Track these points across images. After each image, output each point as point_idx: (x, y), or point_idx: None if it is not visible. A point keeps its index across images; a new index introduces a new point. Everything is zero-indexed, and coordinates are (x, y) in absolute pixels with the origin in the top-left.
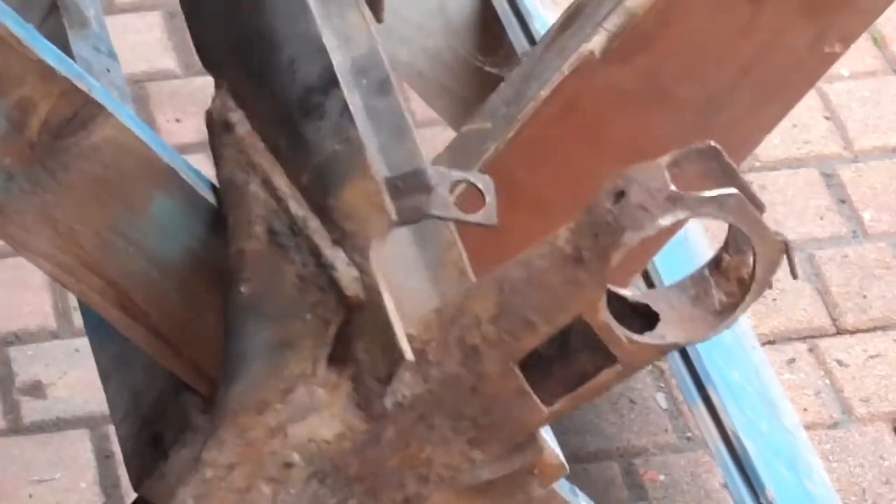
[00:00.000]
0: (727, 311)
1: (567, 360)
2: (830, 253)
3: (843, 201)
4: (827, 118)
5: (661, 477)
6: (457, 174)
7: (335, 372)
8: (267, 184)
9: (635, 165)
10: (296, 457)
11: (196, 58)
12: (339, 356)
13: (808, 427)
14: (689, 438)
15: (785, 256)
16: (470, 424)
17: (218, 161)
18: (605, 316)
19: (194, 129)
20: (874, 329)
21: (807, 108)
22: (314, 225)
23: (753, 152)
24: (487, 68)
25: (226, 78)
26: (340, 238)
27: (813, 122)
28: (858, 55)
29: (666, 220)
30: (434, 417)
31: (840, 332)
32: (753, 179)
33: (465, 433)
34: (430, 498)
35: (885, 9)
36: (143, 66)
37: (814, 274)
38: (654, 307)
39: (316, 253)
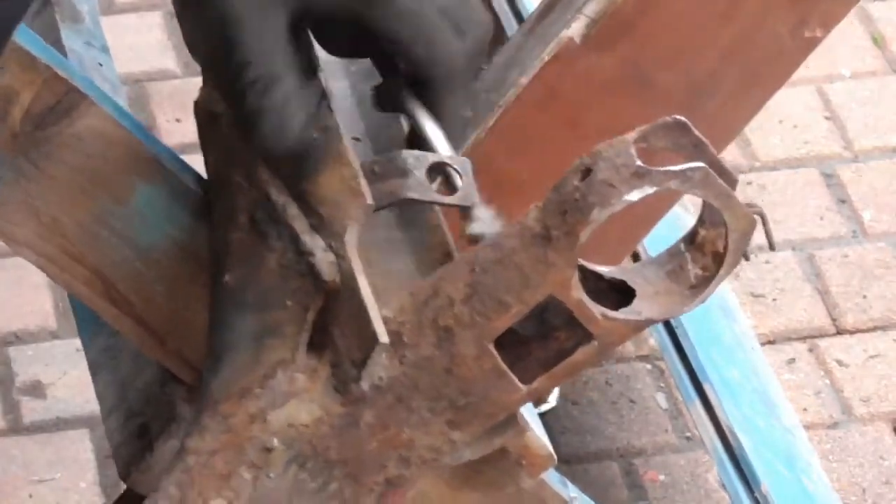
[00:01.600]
0: (702, 286)
1: (545, 339)
2: (830, 253)
3: (843, 201)
4: (827, 118)
5: (661, 477)
6: (433, 157)
7: (314, 357)
8: (250, 173)
9: (602, 142)
10: (275, 441)
11: None
12: (318, 342)
13: (807, 427)
14: (688, 438)
15: (763, 228)
16: (448, 405)
17: (205, 152)
18: (578, 293)
19: (194, 128)
20: (874, 329)
21: (807, 108)
22: (293, 212)
23: (753, 152)
24: (485, 67)
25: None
26: (318, 224)
27: (813, 122)
28: (858, 55)
29: (633, 196)
30: (412, 399)
31: (840, 332)
32: (753, 179)
33: (443, 414)
34: (411, 479)
35: None
36: (143, 66)
37: (814, 274)
38: (630, 283)
39: (295, 239)
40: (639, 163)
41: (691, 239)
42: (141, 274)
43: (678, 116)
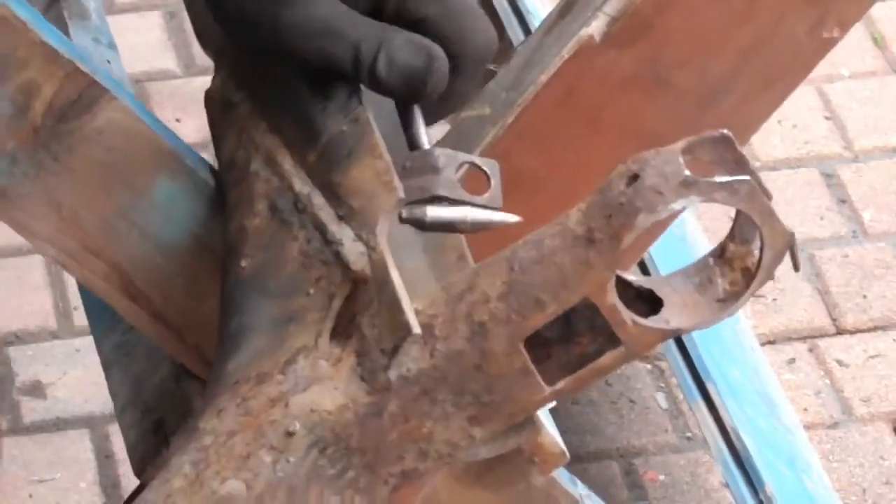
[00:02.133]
0: (731, 299)
1: (568, 343)
2: (830, 253)
3: (843, 201)
4: (827, 118)
5: (661, 477)
6: (463, 157)
7: (338, 346)
8: (271, 162)
9: (649, 150)
10: (297, 425)
11: (196, 58)
12: (342, 330)
13: (808, 427)
14: (689, 438)
15: (790, 249)
16: (472, 401)
17: (218, 141)
18: (612, 298)
19: (194, 128)
20: (874, 329)
21: (807, 108)
22: (319, 202)
23: (753, 152)
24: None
25: (226, 59)
26: (347, 214)
27: (813, 122)
28: (858, 55)
29: (679, 204)
30: (437, 392)
31: (840, 332)
32: (721, 130)
33: (466, 410)
34: (426, 474)
35: None
36: (143, 66)
37: (814, 274)
38: (658, 293)
39: (321, 229)
40: (687, 172)
41: (720, 253)
42: (160, 269)
43: (724, 131)
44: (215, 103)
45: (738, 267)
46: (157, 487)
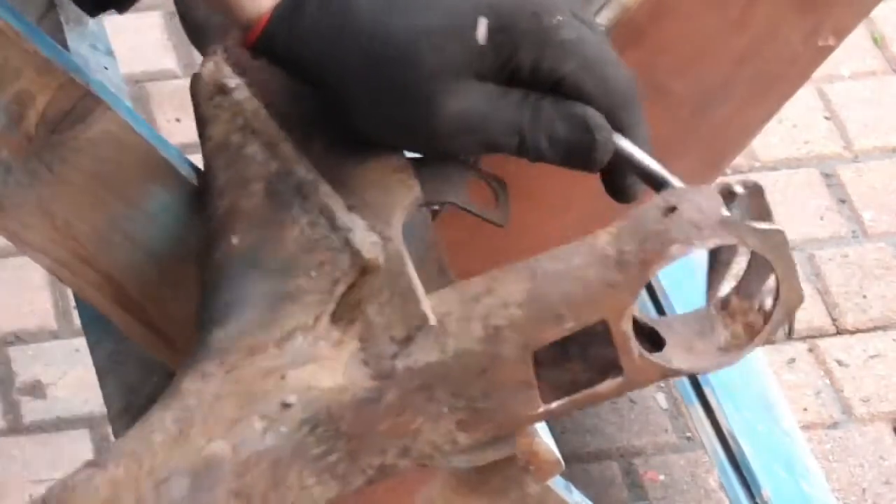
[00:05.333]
0: (733, 350)
1: (558, 368)
2: (830, 253)
3: (843, 201)
4: (827, 118)
5: (661, 477)
6: (475, 171)
7: (338, 330)
8: (271, 147)
9: (687, 186)
10: (294, 398)
11: (196, 58)
12: (344, 315)
13: (808, 427)
14: (689, 438)
15: (789, 316)
16: (466, 405)
17: (204, 122)
18: (627, 326)
19: (194, 128)
20: (874, 329)
21: (807, 108)
22: (326, 189)
23: (753, 152)
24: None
25: (223, 45)
26: (358, 205)
27: (813, 122)
28: (858, 55)
29: (713, 242)
30: (436, 390)
31: (840, 332)
32: (753, 179)
33: (457, 413)
34: (401, 473)
35: (880, 1)
36: (143, 66)
37: (814, 274)
38: (661, 332)
39: (329, 216)
40: (725, 212)
41: (723, 304)
42: (153, 278)
43: (757, 182)
44: (205, 85)
45: (740, 320)
46: (137, 438)
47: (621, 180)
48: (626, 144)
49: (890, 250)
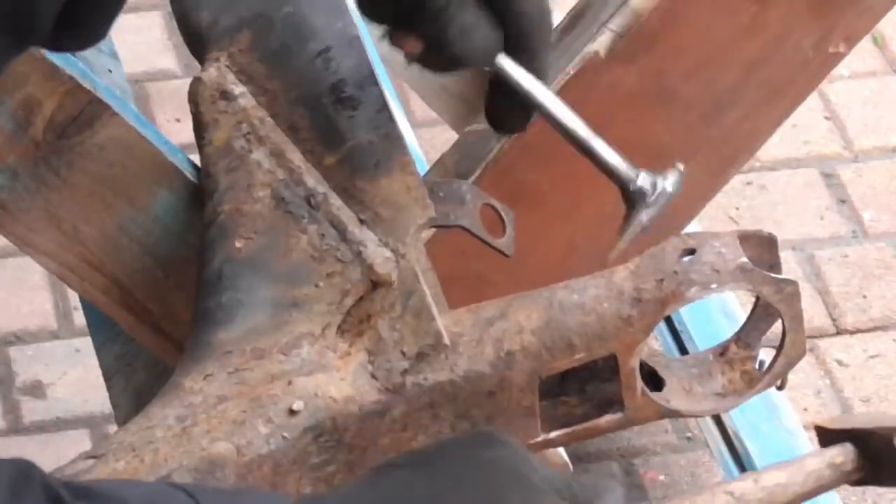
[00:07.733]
0: (731, 396)
1: (554, 400)
2: (830, 253)
3: (843, 201)
4: (827, 118)
5: (661, 477)
6: (486, 197)
7: (345, 341)
8: (278, 156)
9: (706, 231)
10: (301, 405)
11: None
12: (351, 327)
13: (808, 427)
14: (689, 438)
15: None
16: (468, 427)
17: (205, 126)
18: (635, 362)
19: None
20: (874, 329)
21: (807, 108)
22: (337, 202)
23: None
24: (488, 68)
25: (226, 52)
26: (371, 220)
27: (813, 122)
28: (858, 55)
29: (730, 287)
30: (442, 409)
31: (840, 332)
32: (753, 179)
33: (458, 434)
34: None
35: (890, 9)
36: (143, 66)
37: (814, 274)
38: (661, 373)
39: (340, 228)
40: (744, 259)
41: (722, 352)
42: (160, 281)
43: (772, 233)
44: (207, 90)
45: (738, 368)
46: (136, 432)
47: (500, 100)
48: (508, 65)
49: (890, 250)
